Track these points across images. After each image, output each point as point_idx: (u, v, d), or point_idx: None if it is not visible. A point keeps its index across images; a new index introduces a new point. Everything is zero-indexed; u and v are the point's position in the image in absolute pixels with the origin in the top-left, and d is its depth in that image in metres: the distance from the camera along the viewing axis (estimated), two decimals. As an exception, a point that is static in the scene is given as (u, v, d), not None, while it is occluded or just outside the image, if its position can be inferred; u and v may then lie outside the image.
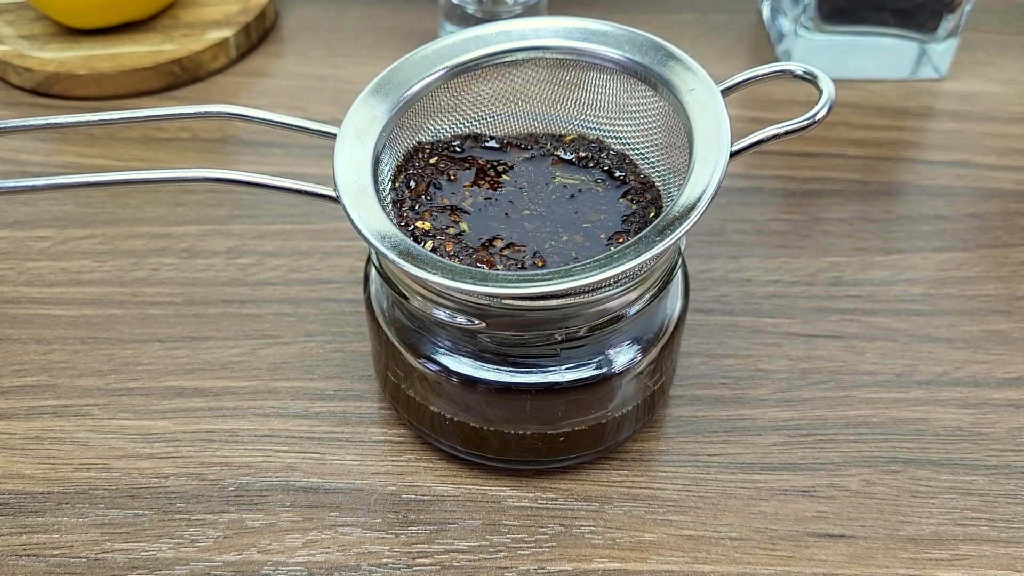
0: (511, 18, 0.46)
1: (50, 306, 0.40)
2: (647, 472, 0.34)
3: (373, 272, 0.33)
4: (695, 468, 0.34)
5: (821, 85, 0.30)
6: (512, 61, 0.33)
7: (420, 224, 0.31)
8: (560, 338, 0.30)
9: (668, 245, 0.27)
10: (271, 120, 0.32)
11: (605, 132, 0.34)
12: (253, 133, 0.49)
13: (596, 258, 0.28)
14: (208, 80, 0.52)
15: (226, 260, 0.42)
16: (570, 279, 0.27)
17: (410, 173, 0.32)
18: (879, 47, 0.52)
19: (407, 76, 0.33)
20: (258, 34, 0.55)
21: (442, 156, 0.33)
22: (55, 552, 0.32)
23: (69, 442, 0.35)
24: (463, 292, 0.28)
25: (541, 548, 0.32)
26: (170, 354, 0.38)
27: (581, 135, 0.34)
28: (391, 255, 0.28)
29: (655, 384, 0.34)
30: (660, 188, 0.32)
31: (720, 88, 0.31)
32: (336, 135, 0.31)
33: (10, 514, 0.33)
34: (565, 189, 0.33)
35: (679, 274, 0.34)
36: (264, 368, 0.38)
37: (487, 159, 0.34)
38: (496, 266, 0.30)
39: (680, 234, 0.27)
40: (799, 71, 0.30)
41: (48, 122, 0.32)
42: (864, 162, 0.48)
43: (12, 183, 0.31)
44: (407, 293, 0.31)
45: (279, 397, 0.37)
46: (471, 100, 0.34)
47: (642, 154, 0.33)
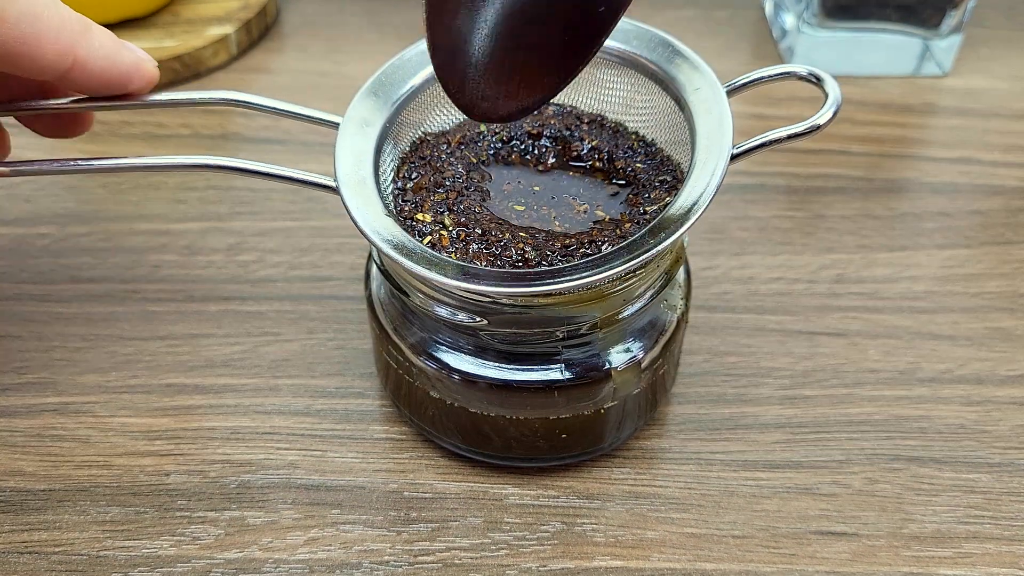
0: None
1: (51, 303, 0.40)
2: (649, 470, 0.34)
3: (374, 269, 0.33)
4: (697, 466, 0.34)
5: (827, 89, 0.29)
6: None
7: (420, 216, 0.31)
8: (562, 336, 0.30)
9: (660, 249, 0.27)
10: (273, 107, 0.32)
11: (619, 118, 0.34)
12: (254, 130, 0.49)
13: (589, 259, 0.27)
14: (209, 76, 0.52)
15: (227, 257, 0.42)
16: (562, 280, 0.27)
17: (413, 165, 0.32)
18: (882, 43, 0.52)
19: (412, 68, 0.33)
20: (259, 30, 0.55)
21: (445, 149, 0.33)
22: (56, 549, 0.32)
23: (70, 439, 0.35)
24: (453, 288, 0.28)
25: (543, 546, 0.32)
26: (171, 351, 0.38)
27: (600, 117, 0.34)
28: (385, 248, 0.28)
29: (657, 382, 0.33)
30: (668, 185, 0.32)
31: (725, 88, 0.30)
32: (338, 125, 0.31)
33: (11, 511, 0.33)
34: (572, 186, 0.32)
35: (681, 271, 0.34)
36: (265, 365, 0.38)
37: (492, 152, 0.33)
38: (495, 262, 0.30)
39: (673, 239, 0.27)
40: (804, 73, 0.30)
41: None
42: (867, 159, 0.47)
43: (13, 166, 0.31)
44: (408, 290, 0.30)
45: (280, 394, 0.37)
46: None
47: (651, 142, 0.33)
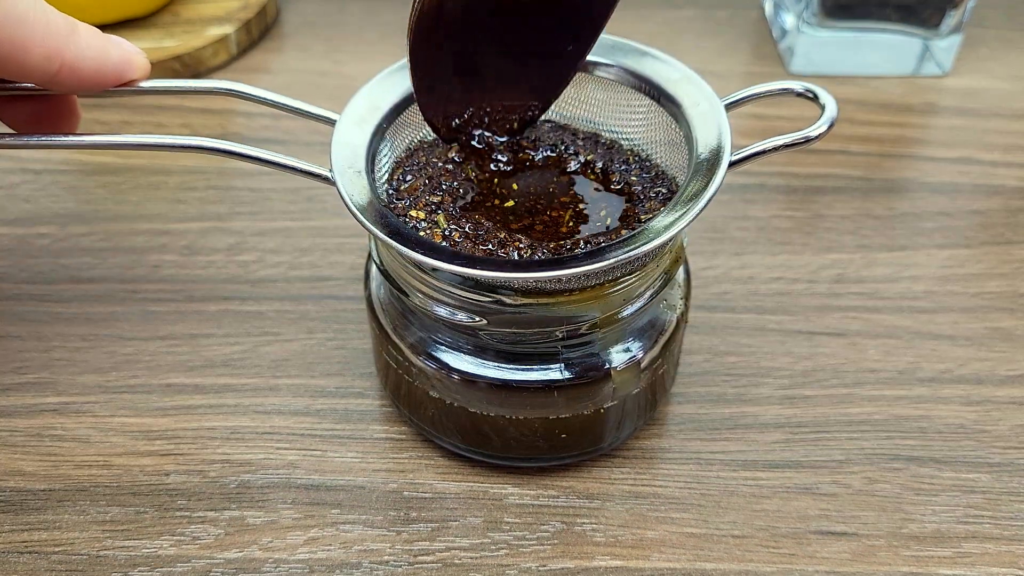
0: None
1: (51, 303, 0.40)
2: (649, 470, 0.34)
3: (374, 269, 0.33)
4: (697, 466, 0.34)
5: (823, 102, 0.30)
6: None
7: (414, 213, 0.31)
8: (561, 336, 0.30)
9: (647, 250, 0.27)
10: (271, 100, 0.32)
11: (614, 135, 0.34)
12: (254, 130, 0.49)
13: (579, 254, 0.27)
14: (209, 76, 0.52)
15: (227, 257, 0.42)
16: (556, 269, 0.27)
17: (408, 168, 0.32)
18: (882, 43, 0.52)
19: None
20: (259, 30, 0.55)
21: (441, 155, 0.33)
22: (56, 549, 0.32)
23: (70, 439, 0.35)
24: (447, 272, 0.28)
25: (543, 546, 0.32)
26: (171, 351, 0.38)
27: (595, 134, 0.34)
28: (381, 234, 0.28)
29: (657, 381, 0.33)
30: (663, 196, 0.32)
31: (724, 103, 0.31)
32: (336, 121, 0.31)
33: (11, 511, 0.33)
34: (567, 189, 0.32)
35: (681, 271, 0.34)
36: (265, 365, 0.38)
37: (489, 157, 0.33)
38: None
39: (663, 241, 0.27)
40: (801, 90, 0.30)
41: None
42: (867, 159, 0.47)
43: (13, 139, 0.31)
44: (408, 290, 0.30)
45: (280, 394, 0.37)
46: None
47: (646, 157, 0.33)
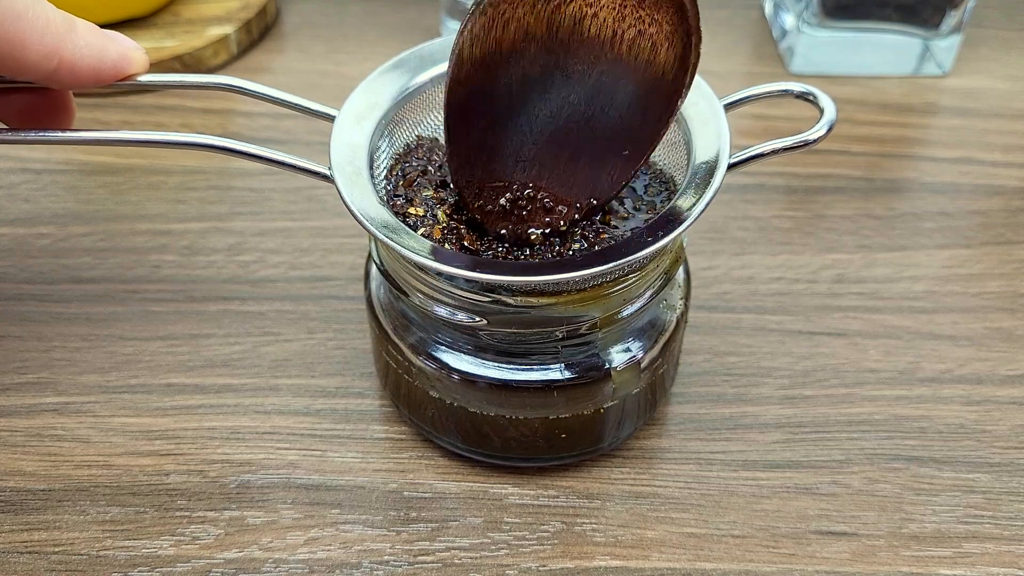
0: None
1: (51, 303, 0.40)
2: (649, 470, 0.34)
3: (374, 269, 0.33)
4: (697, 466, 0.34)
5: (821, 104, 0.29)
6: None
7: (412, 210, 0.31)
8: (561, 335, 0.30)
9: (648, 252, 0.27)
10: (270, 96, 0.32)
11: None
12: (253, 129, 0.49)
13: (579, 257, 0.27)
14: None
15: (227, 257, 0.42)
16: (557, 272, 0.27)
17: (407, 164, 0.32)
18: (882, 43, 0.52)
19: (411, 68, 0.33)
20: (259, 30, 0.55)
21: (439, 152, 0.33)
22: (56, 549, 0.32)
23: (70, 439, 0.35)
24: (444, 274, 0.28)
25: (543, 546, 0.32)
26: (171, 351, 0.38)
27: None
28: (379, 233, 0.28)
29: (656, 381, 0.33)
30: (663, 197, 0.32)
31: (723, 103, 0.31)
32: (335, 118, 0.31)
33: (11, 511, 0.33)
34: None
35: (680, 271, 0.34)
36: (265, 365, 0.38)
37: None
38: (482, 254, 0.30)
39: (661, 245, 0.27)
40: (799, 91, 0.30)
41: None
42: (867, 159, 0.47)
43: (11, 135, 0.31)
44: (407, 290, 0.30)
45: (280, 394, 0.37)
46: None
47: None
